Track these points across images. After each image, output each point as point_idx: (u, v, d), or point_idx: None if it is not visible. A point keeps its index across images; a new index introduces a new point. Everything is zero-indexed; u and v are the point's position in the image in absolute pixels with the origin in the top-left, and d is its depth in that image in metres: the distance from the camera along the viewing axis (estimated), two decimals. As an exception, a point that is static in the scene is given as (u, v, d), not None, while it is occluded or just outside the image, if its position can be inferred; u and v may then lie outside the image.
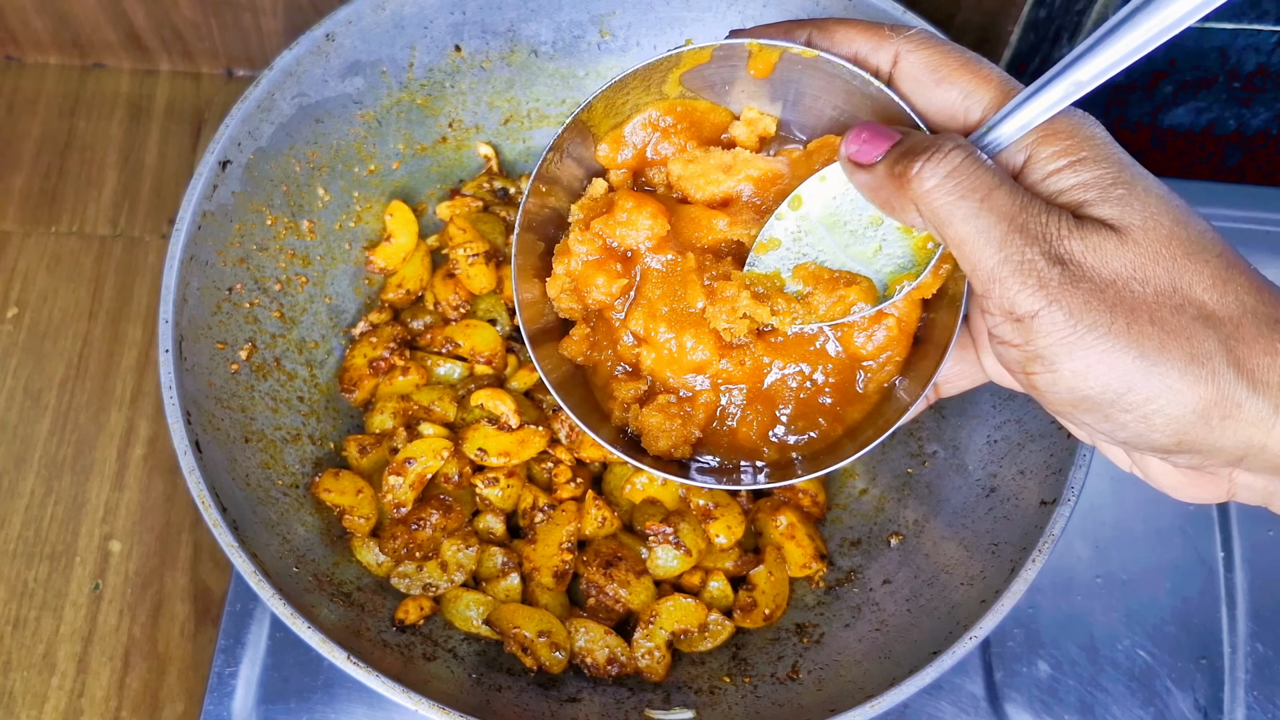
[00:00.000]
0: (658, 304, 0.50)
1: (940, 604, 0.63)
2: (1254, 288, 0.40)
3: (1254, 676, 0.74)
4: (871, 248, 0.48)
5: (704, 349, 0.50)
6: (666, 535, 0.67)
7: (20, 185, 0.91)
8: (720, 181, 0.51)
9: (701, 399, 0.52)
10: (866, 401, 0.52)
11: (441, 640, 0.66)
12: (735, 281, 0.49)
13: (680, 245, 0.50)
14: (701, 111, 0.52)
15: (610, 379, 0.53)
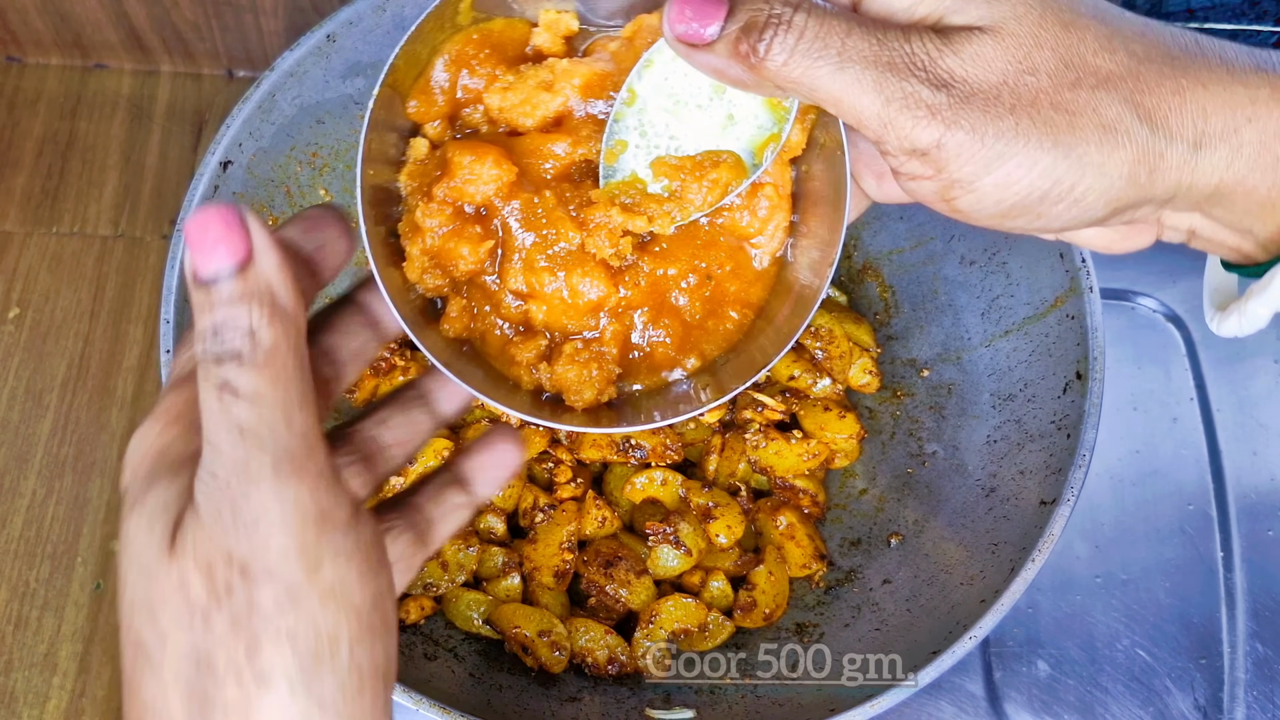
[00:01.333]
0: (533, 254, 0.46)
1: (940, 604, 0.63)
2: (1139, 34, 0.38)
3: (1253, 676, 0.74)
4: (722, 118, 0.46)
5: (596, 283, 0.46)
6: (667, 535, 0.68)
7: (21, 185, 0.91)
8: (545, 102, 0.46)
9: (608, 334, 0.48)
10: (767, 276, 0.50)
11: (442, 640, 0.66)
12: (601, 201, 0.46)
13: (532, 184, 0.46)
14: (498, 32, 0.47)
15: (505, 344, 0.48)
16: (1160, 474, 0.80)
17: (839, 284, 0.80)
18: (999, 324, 0.71)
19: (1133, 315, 0.86)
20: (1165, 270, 0.87)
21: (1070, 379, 0.64)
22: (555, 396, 0.48)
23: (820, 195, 0.47)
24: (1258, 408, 0.83)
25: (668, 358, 0.49)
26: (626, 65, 0.47)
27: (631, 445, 0.70)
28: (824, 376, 0.73)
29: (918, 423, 0.74)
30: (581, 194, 0.46)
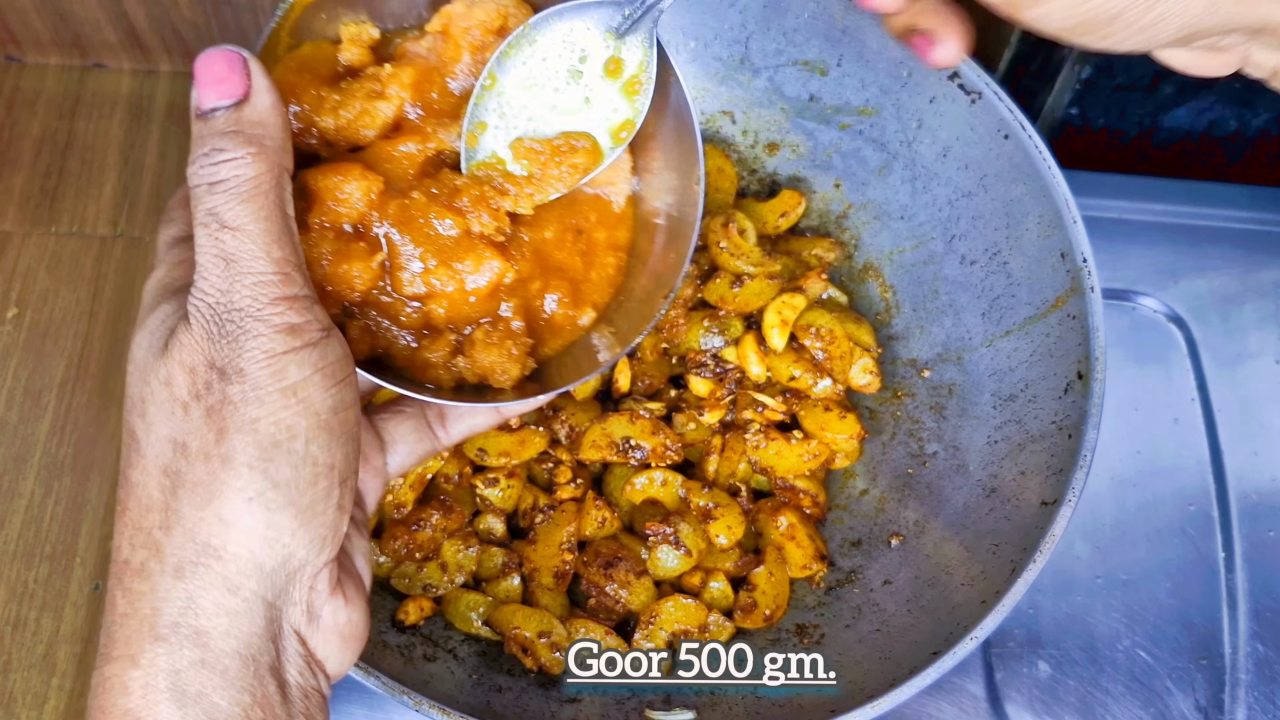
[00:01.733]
0: (423, 257, 0.46)
1: (941, 604, 0.63)
2: None
3: (1254, 677, 0.74)
4: (579, 101, 0.47)
5: (490, 262, 0.47)
6: (667, 535, 0.67)
7: (20, 185, 0.91)
8: (381, 109, 0.47)
9: (512, 310, 0.49)
10: (627, 217, 0.52)
11: (442, 641, 0.66)
12: (470, 182, 0.47)
13: (397, 189, 0.47)
14: (309, 57, 0.48)
15: (413, 353, 0.49)
16: (1161, 475, 0.80)
17: (839, 284, 0.80)
18: (1000, 324, 0.71)
19: (1134, 315, 0.86)
20: (1167, 270, 0.87)
21: (1071, 379, 0.64)
22: (480, 384, 0.49)
23: (661, 127, 0.49)
24: (1259, 408, 0.83)
25: (568, 317, 0.51)
26: (448, 57, 0.48)
27: (631, 446, 0.70)
28: (824, 377, 0.73)
29: (918, 423, 0.74)
30: (446, 184, 0.47)
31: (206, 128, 0.38)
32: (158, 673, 0.35)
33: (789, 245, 0.80)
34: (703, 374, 0.73)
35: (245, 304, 0.36)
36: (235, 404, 0.36)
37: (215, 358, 0.36)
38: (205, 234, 0.37)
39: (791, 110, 0.80)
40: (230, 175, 0.37)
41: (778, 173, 0.83)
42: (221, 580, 0.36)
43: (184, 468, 0.36)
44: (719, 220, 0.75)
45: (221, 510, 0.36)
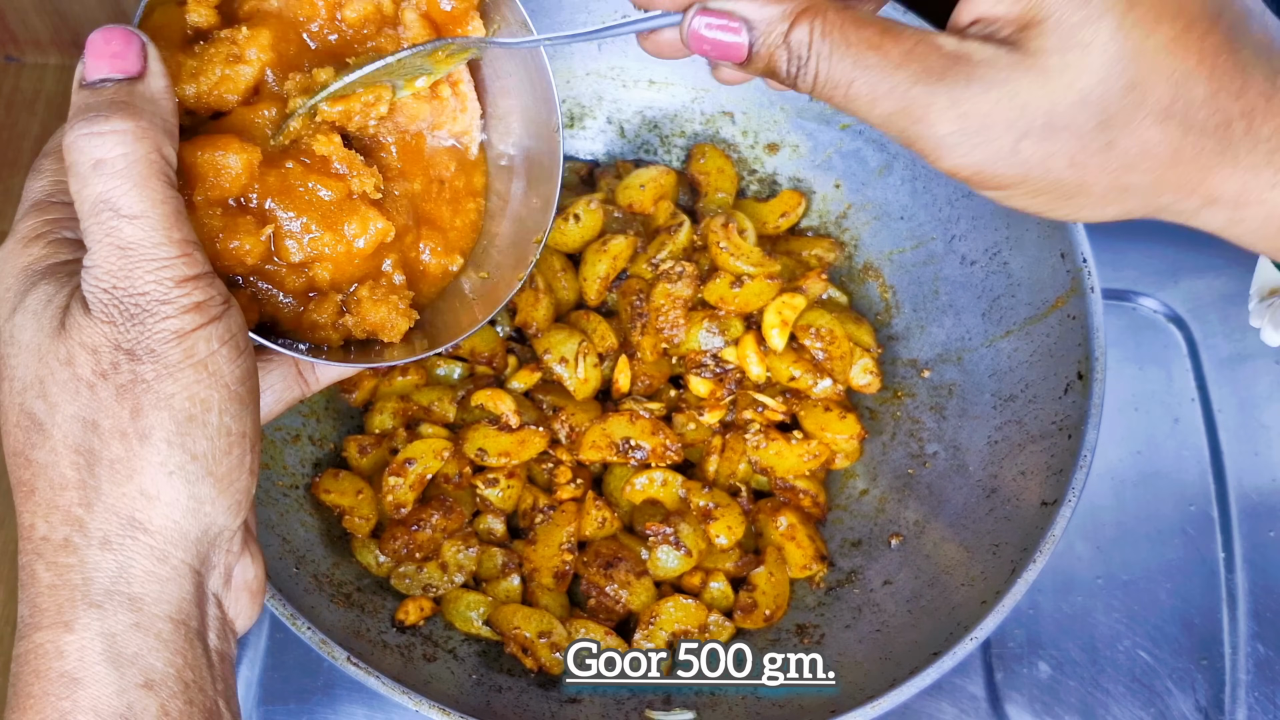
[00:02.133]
0: (306, 226, 0.46)
1: (941, 605, 0.63)
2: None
3: (1255, 677, 0.74)
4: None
5: (373, 223, 0.47)
6: (667, 535, 0.67)
7: (20, 186, 0.91)
8: (240, 74, 0.46)
9: (386, 264, 0.50)
10: (480, 161, 0.53)
11: (442, 641, 0.66)
12: (322, 127, 0.47)
13: (270, 160, 0.46)
14: (158, 25, 0.47)
15: (299, 315, 0.49)
16: (1162, 475, 0.80)
17: (839, 284, 0.80)
18: (1000, 324, 0.71)
19: (1134, 316, 0.86)
20: (1167, 271, 0.87)
21: (1071, 379, 0.64)
22: (368, 339, 0.50)
23: (513, 77, 0.52)
24: (1259, 408, 0.83)
25: (440, 266, 0.52)
26: (303, 13, 0.48)
27: (631, 446, 0.70)
28: (824, 377, 0.73)
29: (918, 423, 0.74)
30: (318, 147, 0.47)
31: (92, 96, 0.38)
32: (93, 636, 0.36)
33: (789, 245, 0.80)
34: (703, 374, 0.73)
35: (149, 289, 0.36)
36: (148, 382, 0.37)
37: (121, 340, 0.36)
38: (97, 224, 0.36)
39: (791, 110, 0.80)
40: (120, 153, 0.36)
41: (778, 173, 0.83)
42: (150, 550, 0.37)
43: (98, 445, 0.37)
44: (719, 220, 0.75)
45: (144, 485, 0.37)
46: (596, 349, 0.73)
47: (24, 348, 0.38)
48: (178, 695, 0.37)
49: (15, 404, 0.38)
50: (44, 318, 0.37)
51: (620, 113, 0.83)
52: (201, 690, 0.38)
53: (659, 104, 0.83)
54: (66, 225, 0.41)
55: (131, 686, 0.37)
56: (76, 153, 0.37)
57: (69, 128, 0.37)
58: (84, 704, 0.36)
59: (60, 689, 0.36)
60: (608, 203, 0.78)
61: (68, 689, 0.36)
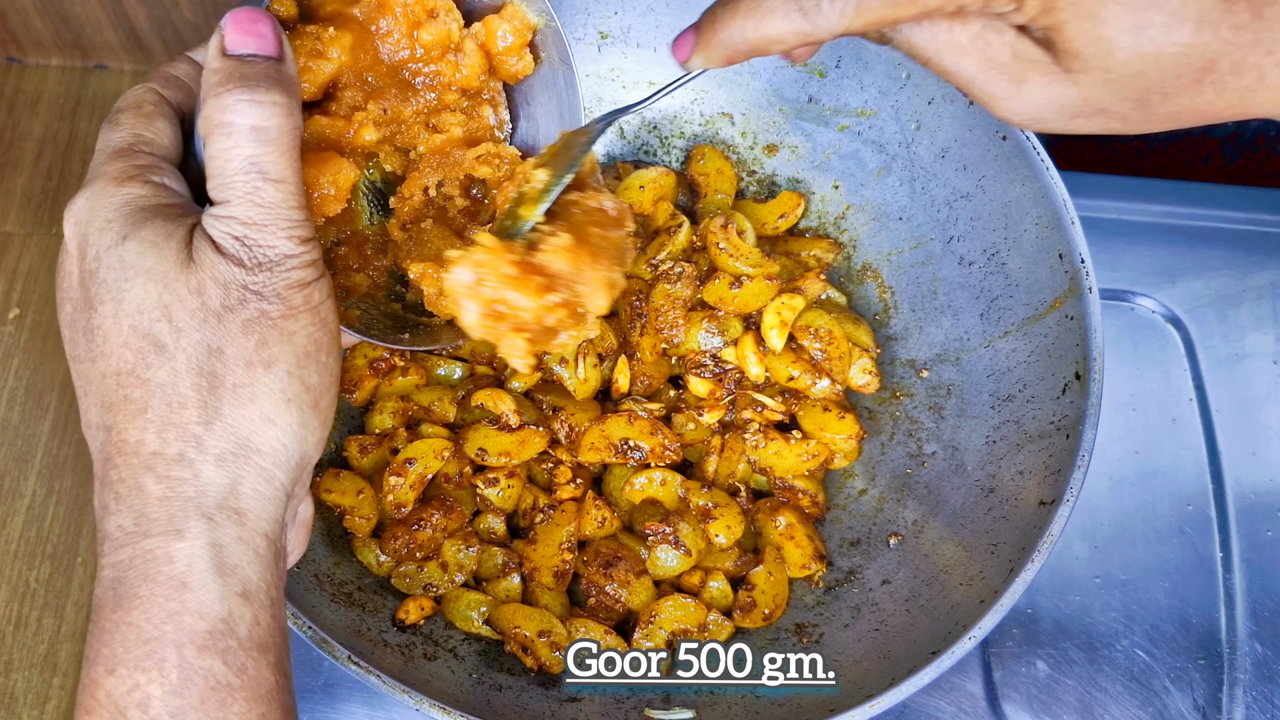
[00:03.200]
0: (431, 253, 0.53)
1: (939, 604, 0.63)
2: None
3: (1252, 676, 0.74)
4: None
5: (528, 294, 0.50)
6: (666, 535, 0.68)
7: (22, 186, 0.91)
8: (320, 69, 0.50)
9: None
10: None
11: (442, 640, 0.66)
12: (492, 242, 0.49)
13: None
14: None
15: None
16: (1159, 475, 0.80)
17: (838, 285, 0.80)
18: (998, 325, 0.71)
19: (1132, 316, 0.86)
20: (1164, 271, 0.87)
21: (1069, 380, 0.64)
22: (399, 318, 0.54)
23: (538, 101, 0.56)
24: (1257, 408, 0.83)
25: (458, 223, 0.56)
26: (383, 27, 0.51)
27: (631, 446, 0.70)
28: (823, 377, 0.73)
29: (917, 423, 0.74)
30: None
31: (246, 68, 0.41)
32: (203, 545, 0.39)
33: (788, 246, 0.80)
34: (702, 374, 0.73)
35: (280, 244, 0.41)
36: (274, 320, 0.41)
37: (250, 283, 0.40)
38: (244, 180, 0.40)
39: (790, 112, 0.80)
40: (275, 123, 0.41)
41: (777, 174, 0.83)
42: (259, 470, 0.41)
43: (221, 370, 0.40)
44: (718, 221, 0.75)
45: (264, 409, 0.41)
46: (596, 349, 0.73)
47: (144, 273, 0.40)
48: (266, 608, 0.41)
49: (128, 325, 0.40)
50: (166, 249, 0.40)
51: (620, 114, 0.84)
52: (279, 606, 0.42)
53: (659, 105, 0.83)
54: (154, 171, 0.43)
55: (232, 594, 0.39)
56: (235, 114, 0.40)
57: (223, 89, 0.40)
58: (191, 606, 0.39)
59: (169, 591, 0.39)
60: (607, 203, 0.78)
61: (176, 592, 0.39)
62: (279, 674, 0.41)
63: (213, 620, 0.39)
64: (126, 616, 0.39)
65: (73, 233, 0.42)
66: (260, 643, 0.40)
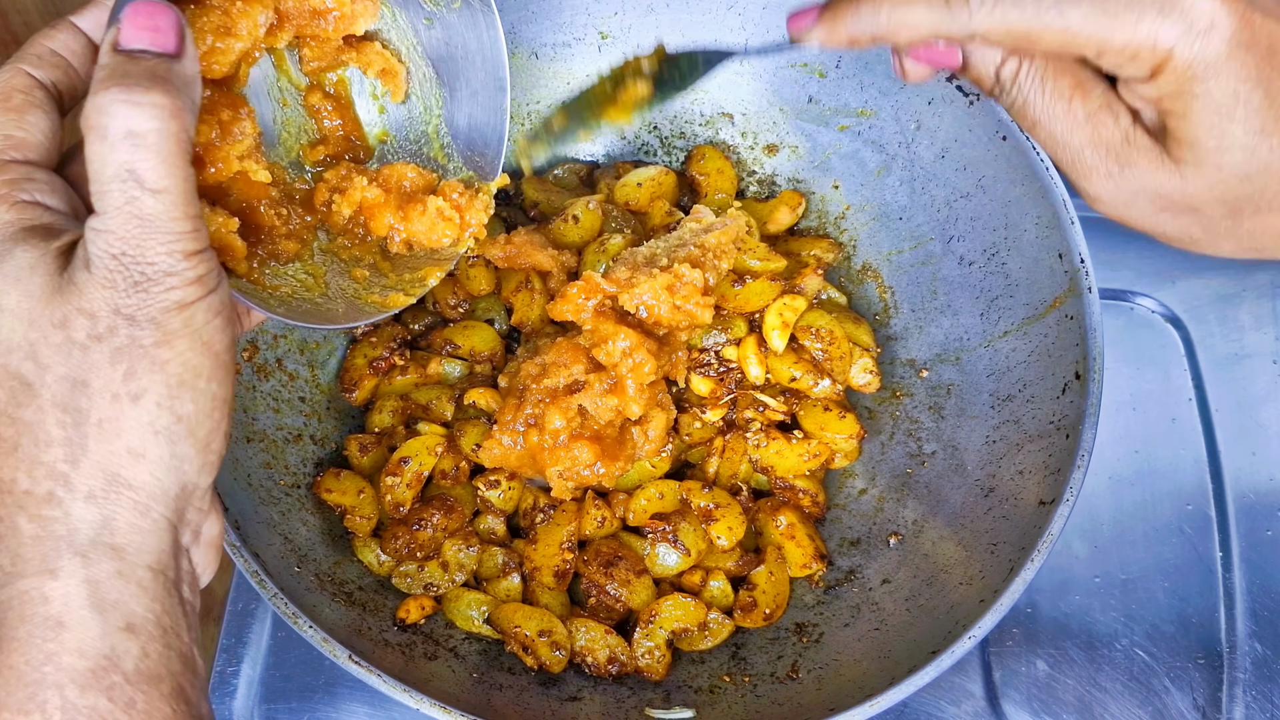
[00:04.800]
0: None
1: (939, 603, 0.63)
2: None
3: (1252, 676, 0.74)
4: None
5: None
6: (665, 534, 0.68)
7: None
8: (231, 47, 0.48)
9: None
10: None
11: (443, 639, 0.66)
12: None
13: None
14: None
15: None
16: (1159, 474, 0.80)
17: (838, 285, 0.80)
18: (998, 324, 0.71)
19: (1131, 316, 0.86)
20: (1164, 271, 0.87)
21: (1069, 379, 0.65)
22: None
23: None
24: (1256, 408, 0.83)
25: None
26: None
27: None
28: (824, 377, 0.73)
29: (917, 423, 0.74)
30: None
31: (130, 64, 0.38)
32: (78, 583, 0.38)
33: (788, 246, 0.80)
34: (705, 373, 0.73)
35: (159, 260, 0.38)
36: (145, 347, 0.38)
37: (121, 306, 0.38)
38: (119, 191, 0.37)
39: (790, 112, 0.80)
40: (154, 127, 0.37)
41: (777, 174, 0.83)
42: (133, 504, 0.39)
43: (86, 404, 0.38)
44: (724, 217, 0.75)
45: (131, 443, 0.39)
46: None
47: (9, 312, 0.38)
48: (156, 639, 0.39)
49: (0, 363, 0.39)
50: (31, 283, 0.38)
51: (620, 114, 0.84)
52: (178, 636, 0.40)
53: (659, 105, 0.83)
54: (23, 186, 0.41)
55: (114, 630, 0.38)
56: (109, 117, 0.37)
57: (101, 89, 0.37)
58: (70, 645, 0.38)
59: (46, 632, 0.38)
60: (607, 203, 0.78)
61: (53, 632, 0.38)
62: (178, 703, 0.40)
63: (94, 658, 0.38)
64: (7, 660, 0.38)
65: None
66: (150, 675, 0.39)
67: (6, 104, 0.42)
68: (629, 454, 0.64)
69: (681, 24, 0.78)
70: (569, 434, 0.62)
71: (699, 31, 0.78)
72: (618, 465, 0.63)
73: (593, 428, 0.62)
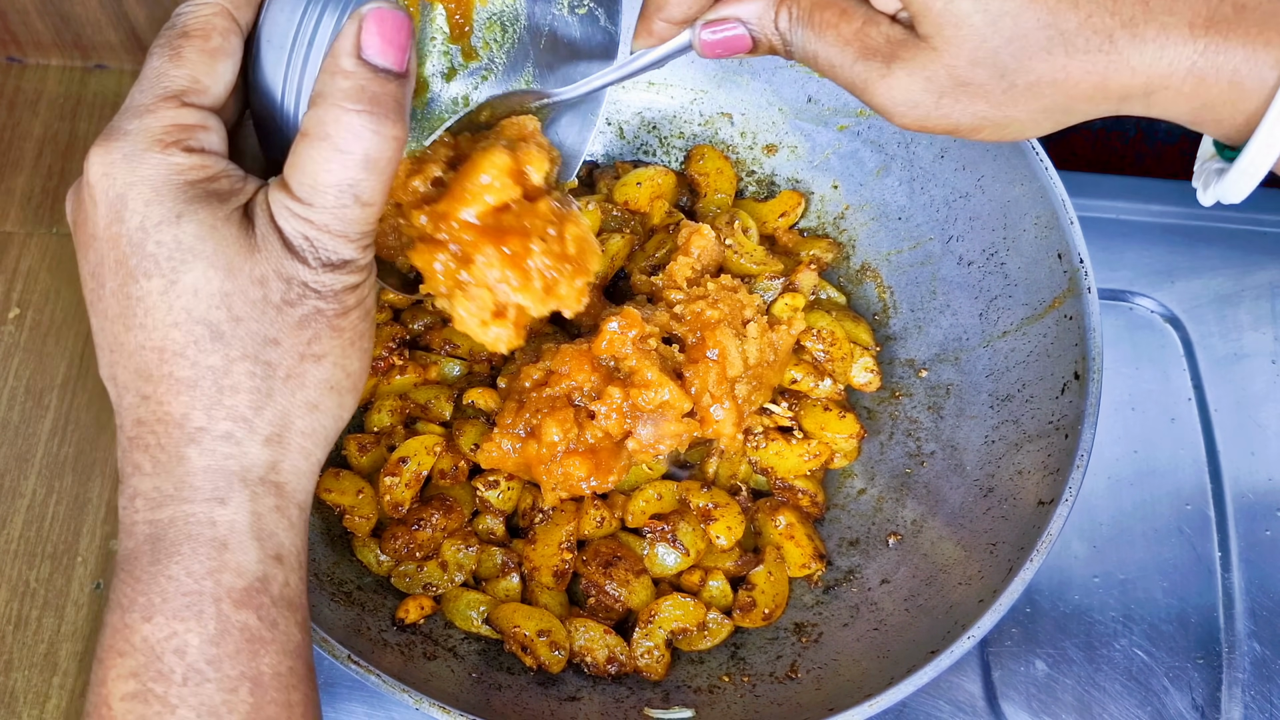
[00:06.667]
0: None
1: (938, 603, 0.63)
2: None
3: (1251, 676, 0.74)
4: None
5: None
6: (664, 533, 0.68)
7: (22, 186, 0.91)
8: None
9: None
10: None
11: (442, 639, 0.66)
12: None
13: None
14: None
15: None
16: (1158, 474, 0.80)
17: (837, 284, 0.80)
18: (997, 324, 0.71)
19: (1131, 316, 0.86)
20: (1163, 271, 0.87)
21: (1068, 379, 0.65)
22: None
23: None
24: (1256, 408, 0.83)
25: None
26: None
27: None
28: (825, 378, 0.73)
29: (916, 423, 0.74)
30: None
31: (376, 87, 0.41)
32: (245, 513, 0.42)
33: (787, 246, 0.80)
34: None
35: (347, 251, 0.42)
36: (328, 317, 0.43)
37: (312, 281, 0.42)
38: (335, 198, 0.41)
39: (790, 112, 0.80)
40: (388, 156, 0.41)
41: (776, 174, 0.83)
42: (300, 449, 0.44)
43: (275, 359, 0.42)
44: (723, 219, 0.75)
45: (310, 396, 0.43)
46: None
47: (204, 258, 0.41)
48: (296, 570, 0.44)
49: (180, 306, 0.41)
50: (226, 234, 0.41)
51: (619, 114, 0.84)
52: (305, 569, 0.45)
53: (658, 105, 0.83)
54: (198, 132, 0.42)
55: (268, 557, 0.43)
56: (350, 135, 0.40)
57: (351, 106, 0.40)
58: (230, 565, 0.42)
59: (210, 550, 0.41)
60: (606, 202, 0.78)
61: (217, 551, 0.41)
62: (304, 633, 0.44)
63: (250, 579, 0.42)
64: (166, 570, 0.41)
65: (105, 188, 0.41)
66: (290, 602, 0.43)
67: (205, 43, 0.43)
68: (624, 465, 0.64)
69: (681, 24, 0.78)
70: (565, 446, 0.62)
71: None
72: (612, 476, 0.63)
73: (587, 442, 0.62)
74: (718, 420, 0.64)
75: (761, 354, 0.67)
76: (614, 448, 0.63)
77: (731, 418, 0.64)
